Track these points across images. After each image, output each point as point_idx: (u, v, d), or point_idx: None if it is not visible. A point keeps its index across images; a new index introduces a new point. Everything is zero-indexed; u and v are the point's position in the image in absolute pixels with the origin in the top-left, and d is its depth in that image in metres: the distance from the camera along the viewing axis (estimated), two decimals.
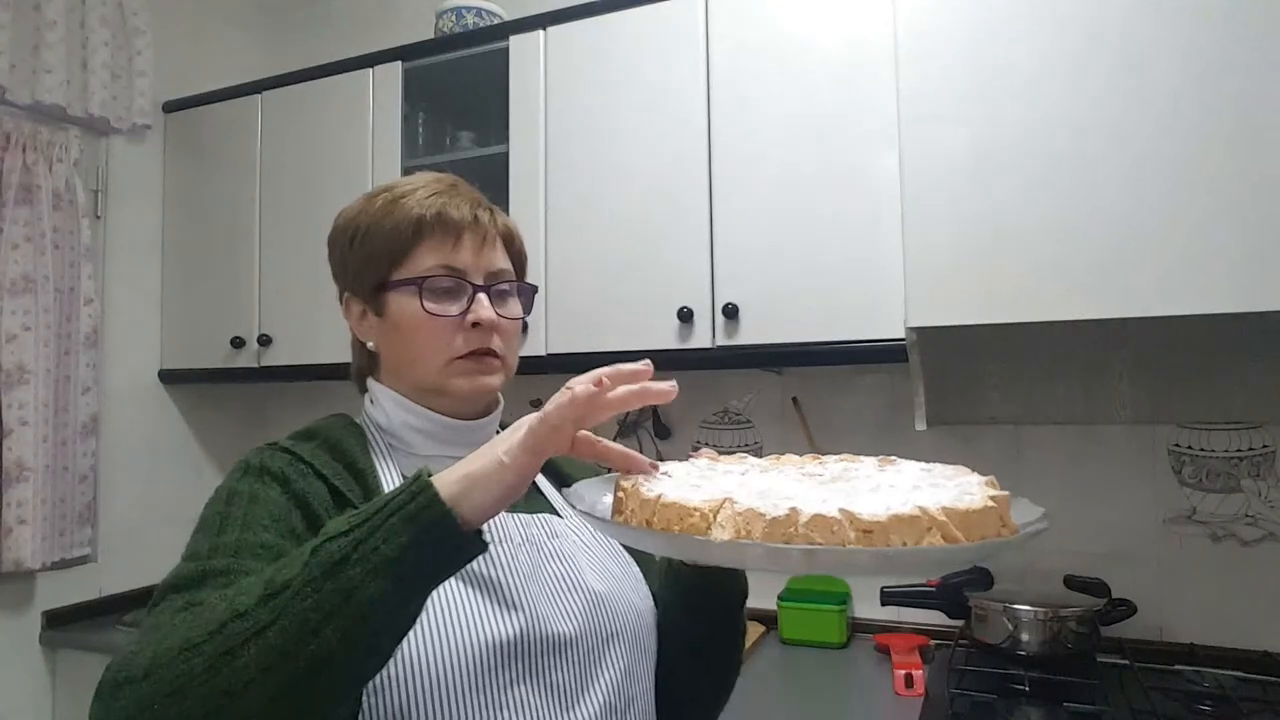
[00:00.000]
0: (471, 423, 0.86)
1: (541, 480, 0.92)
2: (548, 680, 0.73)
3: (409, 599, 0.56)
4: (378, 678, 0.67)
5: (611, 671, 0.77)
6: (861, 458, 0.72)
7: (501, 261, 0.86)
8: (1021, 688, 1.35)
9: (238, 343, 2.11)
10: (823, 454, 0.73)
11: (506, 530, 0.80)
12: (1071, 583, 1.55)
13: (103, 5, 2.02)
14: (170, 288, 2.28)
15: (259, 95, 2.15)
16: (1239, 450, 1.55)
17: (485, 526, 0.65)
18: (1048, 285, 1.21)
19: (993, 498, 0.53)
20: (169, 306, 2.28)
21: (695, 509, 0.52)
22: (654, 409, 2.03)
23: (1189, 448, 1.59)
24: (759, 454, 1.91)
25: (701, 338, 1.60)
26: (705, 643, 0.87)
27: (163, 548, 2.24)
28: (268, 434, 2.62)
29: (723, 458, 0.73)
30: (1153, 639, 1.56)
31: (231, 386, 2.42)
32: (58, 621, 1.98)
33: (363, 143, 1.98)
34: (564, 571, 0.80)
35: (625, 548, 0.88)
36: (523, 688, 0.71)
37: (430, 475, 0.57)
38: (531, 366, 1.76)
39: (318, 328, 2.01)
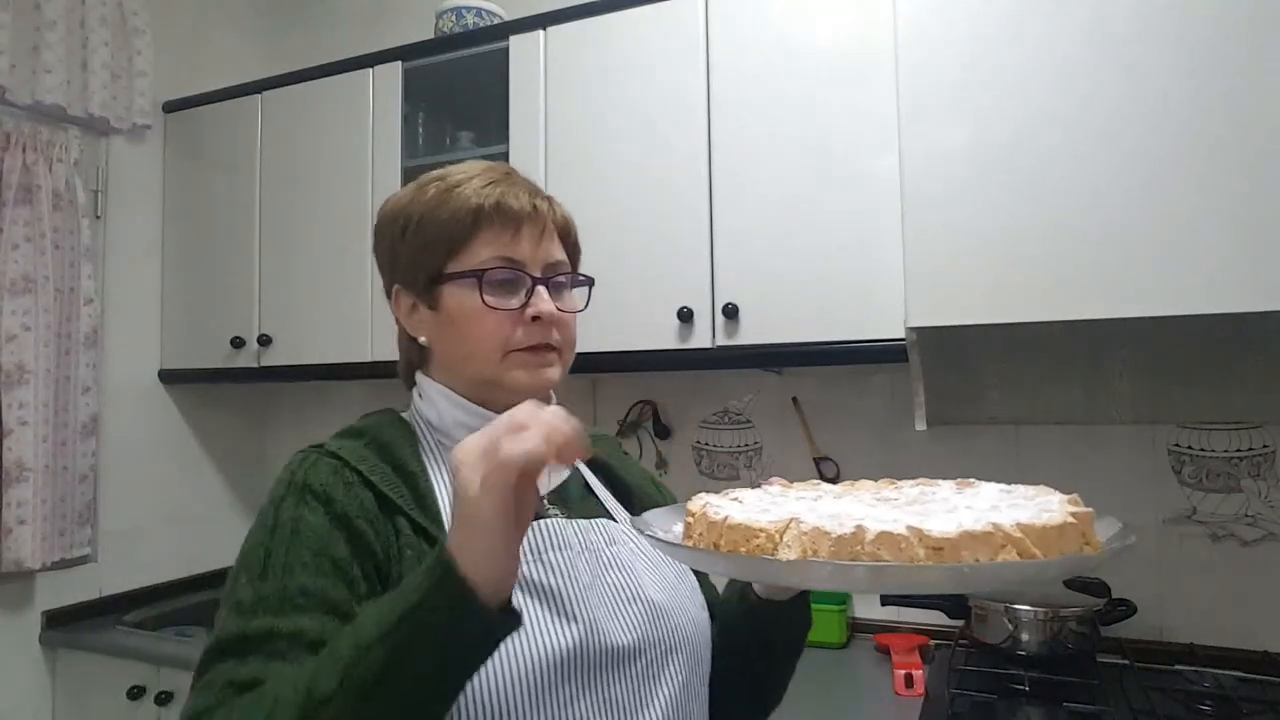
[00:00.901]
0: None
1: (595, 483, 0.90)
2: (607, 695, 0.71)
3: (450, 693, 0.57)
4: None
5: (671, 686, 0.75)
6: (939, 481, 0.71)
7: (559, 253, 0.84)
8: (1021, 688, 1.35)
9: (238, 343, 2.11)
10: (898, 480, 0.73)
11: (565, 537, 0.77)
12: (1071, 583, 1.55)
13: (103, 5, 2.02)
14: (170, 288, 2.28)
15: (259, 95, 2.15)
16: (1239, 450, 1.55)
17: (543, 538, 0.74)
18: (1048, 285, 1.21)
19: (1074, 514, 0.53)
20: (169, 306, 2.28)
21: (761, 529, 0.53)
22: (654, 409, 2.03)
23: (1189, 448, 1.59)
24: (759, 454, 1.92)
25: (701, 338, 1.60)
26: (768, 672, 0.87)
27: (163, 548, 2.25)
28: (267, 434, 2.64)
29: (796, 485, 0.72)
30: (1153, 639, 1.56)
31: (231, 386, 2.42)
32: (58, 621, 1.98)
33: (363, 143, 1.98)
34: (624, 581, 0.78)
35: None
36: (582, 704, 0.69)
37: (453, 563, 0.53)
38: None
39: (318, 328, 2.01)
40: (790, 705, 1.44)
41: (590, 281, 0.89)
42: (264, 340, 2.08)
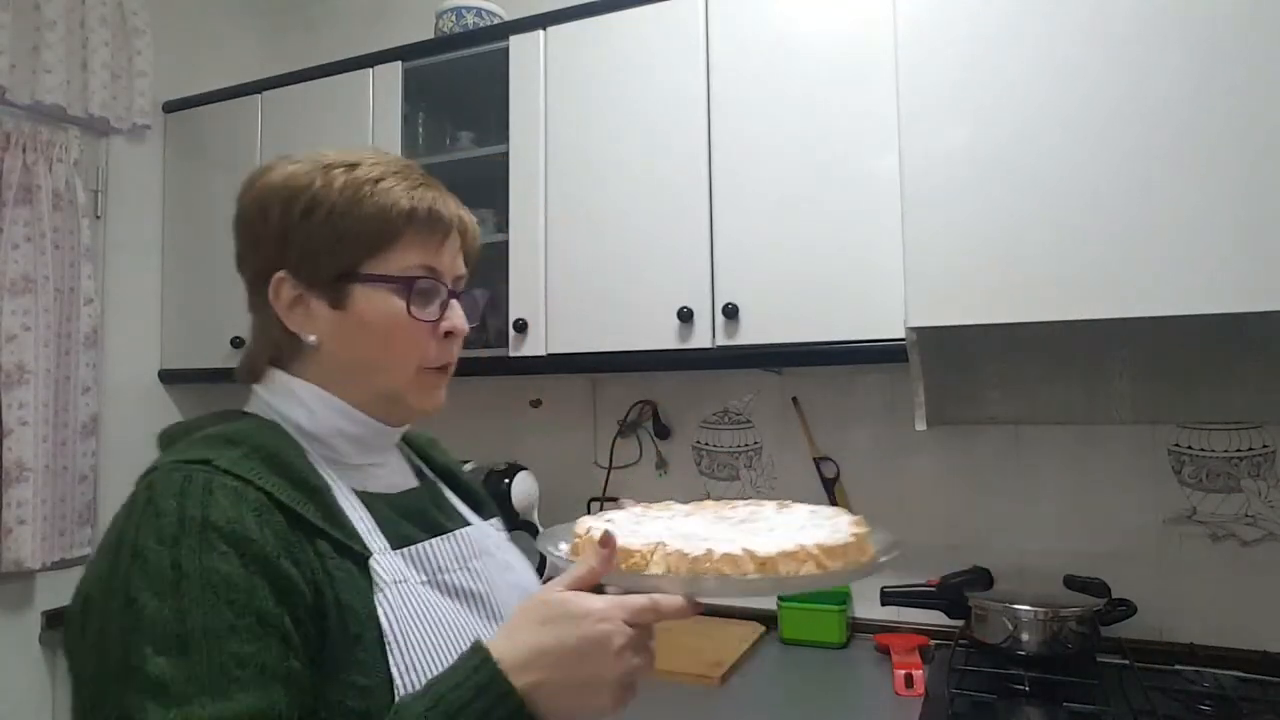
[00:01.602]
0: (395, 430, 0.81)
1: (442, 486, 0.90)
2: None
3: None
4: None
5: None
6: (764, 503, 0.88)
7: (464, 266, 0.81)
8: (1021, 688, 1.35)
9: (238, 343, 2.11)
10: (734, 500, 0.90)
11: (471, 544, 0.80)
12: (1071, 583, 1.55)
13: (103, 5, 2.02)
14: (170, 288, 2.28)
15: (259, 95, 2.15)
16: (1239, 450, 1.55)
17: (467, 548, 0.79)
18: (1048, 285, 1.21)
19: (854, 534, 0.71)
20: (169, 306, 2.28)
21: (636, 550, 0.67)
22: (654, 409, 2.03)
23: (1189, 448, 1.59)
24: (759, 454, 1.92)
25: (701, 338, 1.60)
26: None
27: None
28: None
29: (651, 506, 0.86)
30: (1153, 639, 1.56)
31: (231, 386, 2.41)
32: (58, 621, 1.97)
33: (363, 143, 1.98)
34: (515, 580, 0.82)
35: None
36: None
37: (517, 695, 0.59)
38: (531, 366, 1.77)
39: None
40: (790, 705, 1.45)
41: (487, 296, 0.87)
42: None
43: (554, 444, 2.15)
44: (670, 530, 0.73)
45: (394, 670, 0.63)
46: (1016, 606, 1.45)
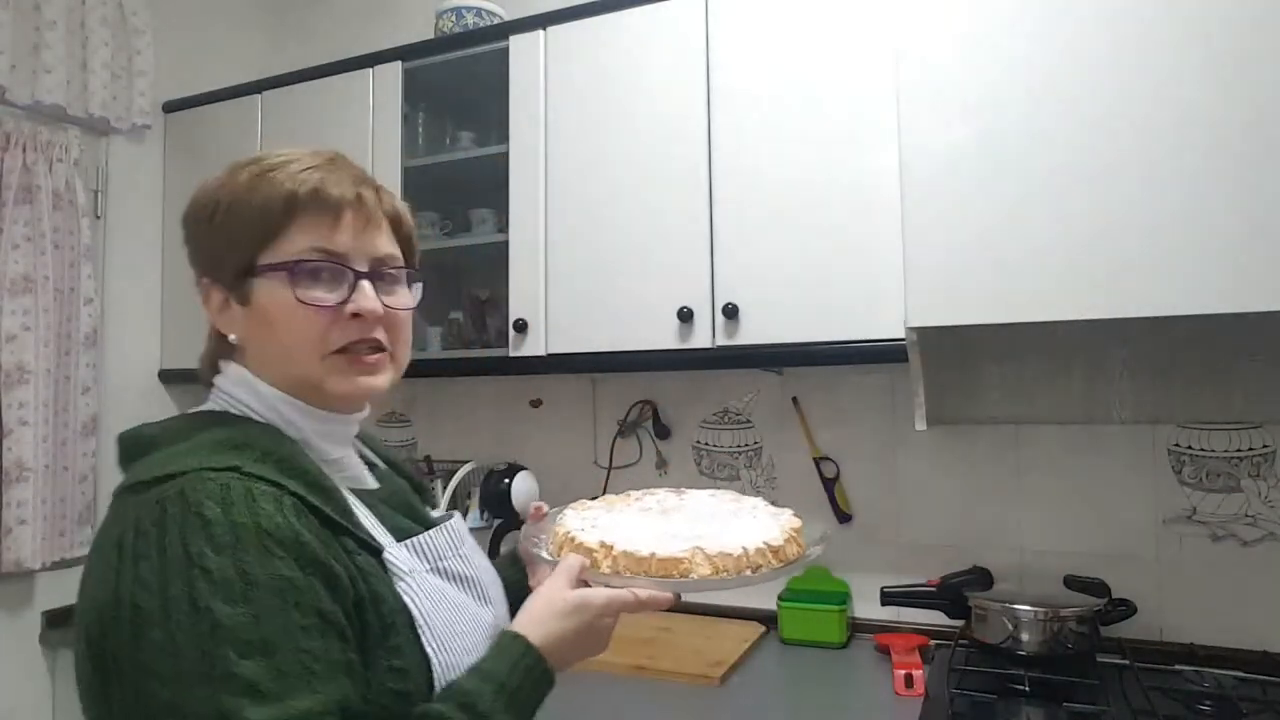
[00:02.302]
0: (351, 417, 0.80)
1: (395, 478, 0.89)
2: None
3: None
4: (442, 681, 0.71)
5: None
6: (686, 491, 1.03)
7: (388, 246, 0.78)
8: (1021, 688, 1.35)
9: None
10: (654, 489, 1.06)
11: (457, 533, 0.85)
12: (1071, 583, 1.55)
13: (103, 5, 2.02)
14: (170, 288, 2.28)
15: (259, 95, 2.15)
16: (1239, 450, 1.55)
17: (456, 537, 0.85)
18: (1048, 285, 1.21)
19: (793, 530, 0.88)
20: (169, 306, 2.28)
21: (591, 549, 0.82)
22: (654, 409, 2.03)
23: (1189, 448, 1.59)
24: (759, 454, 1.92)
25: (701, 338, 1.60)
26: None
27: None
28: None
29: (589, 504, 0.99)
30: (1153, 639, 1.56)
31: None
32: (58, 621, 1.97)
33: (363, 143, 1.98)
34: (485, 563, 0.89)
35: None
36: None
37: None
38: (531, 366, 1.77)
39: None
40: (790, 705, 1.45)
41: (420, 278, 0.83)
42: None
43: (554, 444, 2.15)
44: (596, 528, 0.86)
45: (429, 650, 0.70)
46: (1016, 606, 1.44)
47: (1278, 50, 1.10)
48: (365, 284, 0.74)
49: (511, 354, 1.78)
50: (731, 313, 1.56)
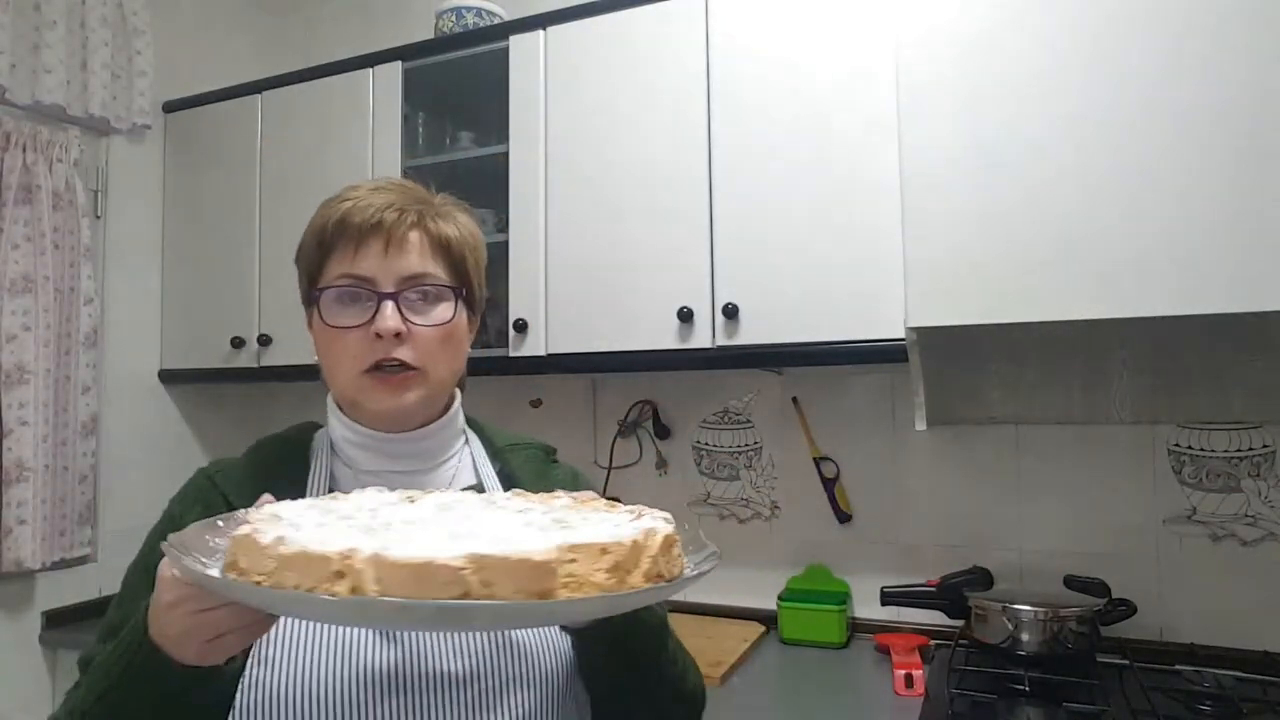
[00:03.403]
0: (400, 435, 0.82)
1: (486, 468, 0.87)
2: (427, 718, 0.69)
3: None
4: (244, 703, 0.67)
5: (508, 717, 0.71)
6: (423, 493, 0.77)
7: (419, 265, 0.80)
8: (1021, 688, 1.35)
9: (238, 343, 2.11)
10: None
11: None
12: (1071, 583, 1.55)
13: (103, 5, 2.02)
14: (170, 288, 2.28)
15: (259, 95, 2.15)
16: (1239, 450, 1.55)
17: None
18: (1048, 285, 1.21)
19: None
20: (169, 306, 2.28)
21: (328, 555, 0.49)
22: (654, 409, 2.03)
23: (1189, 448, 1.59)
24: (759, 454, 1.92)
25: (701, 338, 1.60)
26: (620, 689, 0.79)
27: None
28: (267, 434, 2.62)
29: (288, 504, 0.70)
30: (1153, 639, 1.56)
31: (231, 386, 2.42)
32: (58, 621, 1.97)
33: (363, 143, 1.98)
34: None
35: None
36: None
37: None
38: (531, 366, 1.77)
39: None
40: (790, 705, 1.45)
41: (461, 291, 0.82)
42: (264, 340, 2.08)
43: (554, 444, 2.13)
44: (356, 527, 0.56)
45: (251, 658, 0.68)
46: (1016, 606, 1.45)
47: (1275, 51, 1.10)
48: (387, 304, 0.77)
49: (511, 354, 1.78)
50: (731, 313, 1.56)
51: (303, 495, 0.77)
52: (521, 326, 1.75)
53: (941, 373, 1.49)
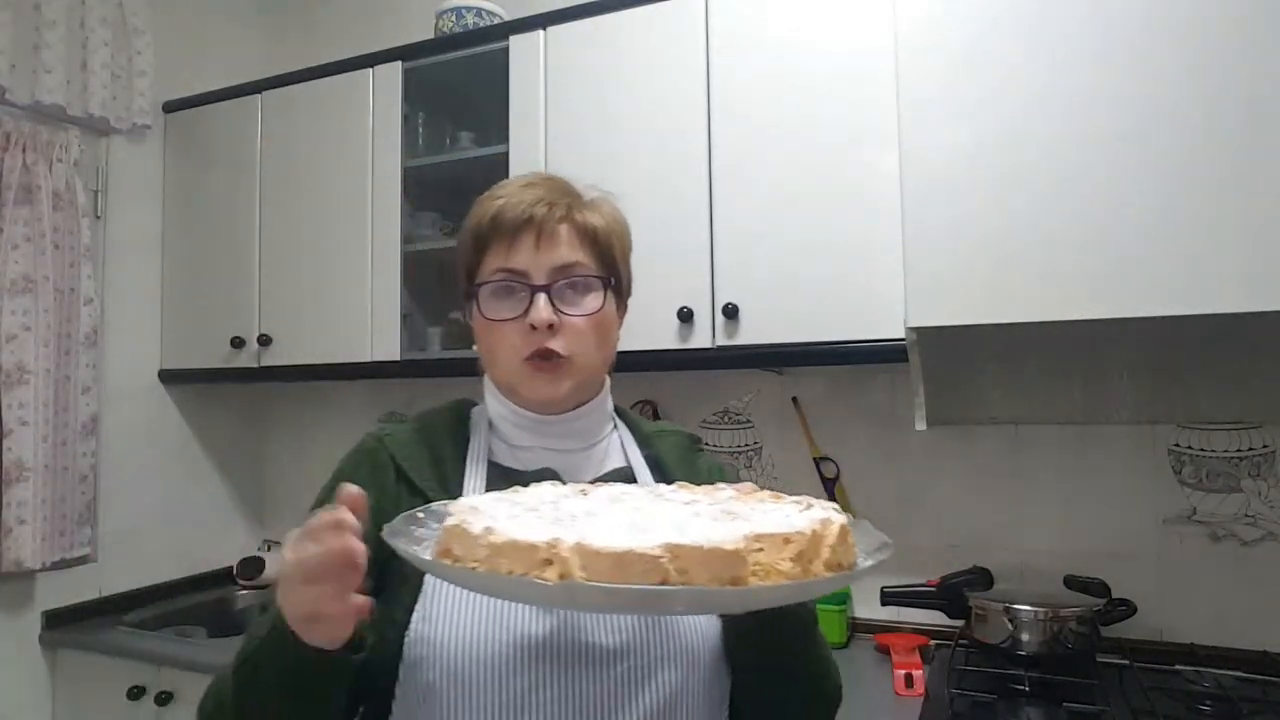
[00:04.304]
0: (555, 417, 0.85)
1: (645, 476, 0.88)
2: (575, 690, 0.71)
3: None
4: (410, 655, 0.71)
5: (656, 694, 0.73)
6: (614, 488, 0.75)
7: (569, 255, 0.83)
8: (1021, 688, 1.35)
9: (238, 343, 2.11)
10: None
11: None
12: (1071, 583, 1.55)
13: (103, 5, 2.02)
14: (170, 288, 2.28)
15: (259, 95, 2.15)
16: (1239, 450, 1.55)
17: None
18: (1048, 285, 1.21)
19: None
20: (169, 306, 2.28)
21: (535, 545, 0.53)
22: (654, 409, 2.03)
23: (1189, 448, 1.59)
24: (759, 454, 1.92)
25: (701, 338, 1.59)
26: (765, 679, 0.81)
27: (163, 548, 2.25)
28: (268, 434, 2.64)
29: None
30: (1153, 639, 1.56)
31: (231, 386, 2.42)
32: (58, 621, 1.97)
33: (363, 143, 1.98)
34: None
35: None
36: (546, 694, 0.70)
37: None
38: None
39: (318, 328, 2.01)
40: None
41: (608, 281, 0.87)
42: (264, 340, 2.08)
43: None
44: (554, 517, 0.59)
45: (415, 615, 0.73)
46: (1016, 606, 1.45)
47: (1275, 51, 1.10)
48: (540, 297, 0.81)
49: None
50: (731, 313, 1.56)
51: (463, 463, 0.84)
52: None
53: (941, 373, 1.48)
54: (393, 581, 0.75)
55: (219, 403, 2.43)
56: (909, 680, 1.46)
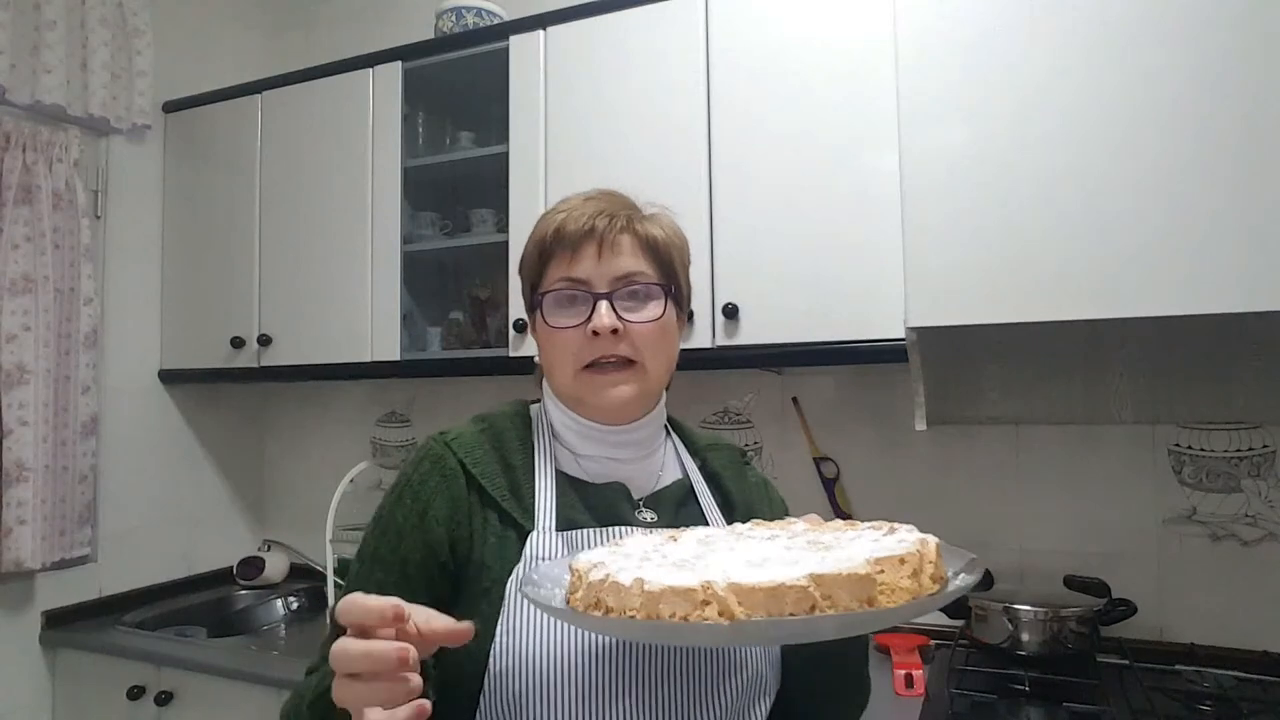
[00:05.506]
0: (617, 427, 0.87)
1: (702, 493, 0.91)
2: (657, 698, 0.74)
3: None
4: (496, 666, 0.73)
5: (722, 702, 0.77)
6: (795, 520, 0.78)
7: (630, 265, 0.85)
8: (1021, 688, 1.35)
9: (238, 343, 2.11)
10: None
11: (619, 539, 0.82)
12: (1071, 583, 1.55)
13: (103, 5, 2.02)
14: (170, 288, 2.28)
15: (259, 95, 2.15)
16: (1239, 450, 1.55)
17: (606, 537, 0.81)
18: (1048, 285, 1.21)
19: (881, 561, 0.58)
20: (169, 306, 2.28)
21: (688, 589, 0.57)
22: None
23: (1189, 448, 1.59)
24: (759, 454, 1.92)
25: (701, 338, 1.59)
26: (823, 689, 0.86)
27: (163, 548, 2.25)
28: (267, 434, 2.64)
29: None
30: (1153, 639, 1.56)
31: (231, 386, 2.42)
32: (58, 621, 1.98)
33: (363, 143, 1.98)
34: None
35: None
36: (628, 701, 0.73)
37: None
38: (532, 366, 1.76)
39: (318, 328, 2.01)
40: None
41: (666, 289, 0.86)
42: (264, 340, 2.08)
43: None
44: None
45: (499, 628, 0.74)
46: (1016, 606, 1.45)
47: (1275, 50, 1.10)
48: (602, 304, 0.82)
49: (511, 354, 1.78)
50: (731, 313, 1.56)
51: (532, 473, 0.84)
52: (522, 327, 1.75)
53: (942, 373, 1.49)
54: (471, 594, 0.77)
55: (219, 403, 2.43)
56: (909, 680, 1.46)
